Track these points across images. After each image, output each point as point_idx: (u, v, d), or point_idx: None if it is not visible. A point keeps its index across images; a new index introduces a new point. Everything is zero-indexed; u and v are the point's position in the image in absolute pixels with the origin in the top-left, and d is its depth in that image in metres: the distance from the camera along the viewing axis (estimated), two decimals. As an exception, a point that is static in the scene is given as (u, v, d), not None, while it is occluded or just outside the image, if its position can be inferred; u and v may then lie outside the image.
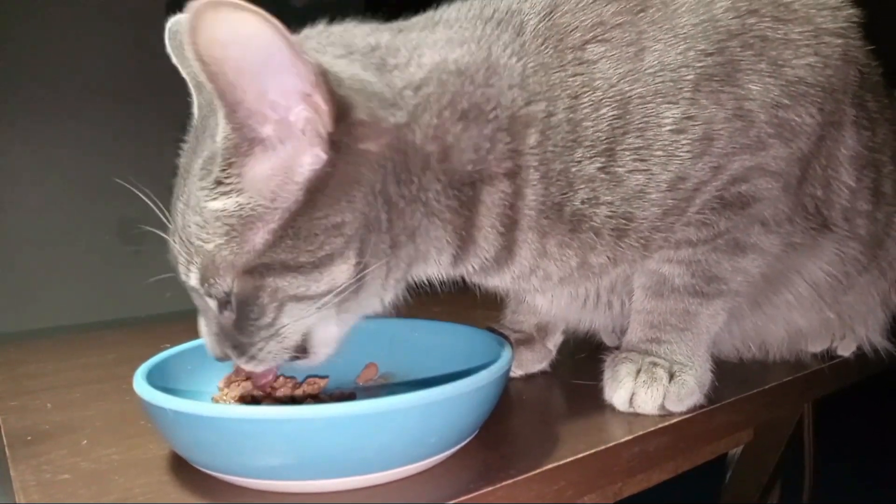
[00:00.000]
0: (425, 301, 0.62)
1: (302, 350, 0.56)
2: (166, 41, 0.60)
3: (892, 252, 0.78)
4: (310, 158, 0.49)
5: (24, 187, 1.13)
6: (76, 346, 0.92)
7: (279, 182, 0.49)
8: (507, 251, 0.59)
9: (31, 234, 1.14)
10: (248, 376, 0.61)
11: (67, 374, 0.78)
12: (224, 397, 0.59)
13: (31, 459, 0.53)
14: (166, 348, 0.60)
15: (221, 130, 0.48)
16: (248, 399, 0.59)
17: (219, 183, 0.50)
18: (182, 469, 0.51)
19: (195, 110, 0.58)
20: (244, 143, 0.49)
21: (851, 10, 0.63)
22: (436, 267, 0.60)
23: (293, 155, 0.49)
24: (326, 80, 0.48)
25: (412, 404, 0.46)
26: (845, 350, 0.81)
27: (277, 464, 0.46)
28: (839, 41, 0.62)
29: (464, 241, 0.58)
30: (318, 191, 0.50)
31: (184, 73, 0.59)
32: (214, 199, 0.50)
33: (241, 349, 0.54)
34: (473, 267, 0.60)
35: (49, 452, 0.55)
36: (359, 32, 0.57)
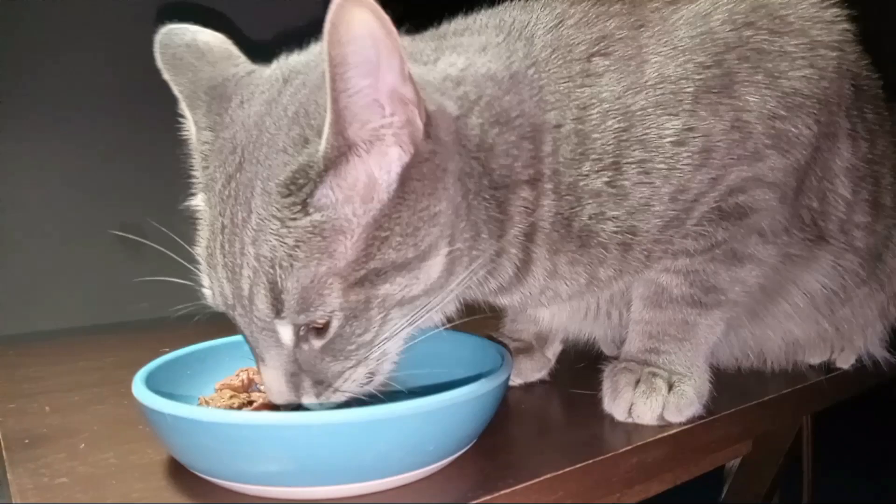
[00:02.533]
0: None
1: (372, 378, 0.53)
2: (156, 53, 0.57)
3: (890, 265, 0.79)
4: (405, 153, 0.48)
5: (24, 189, 1.13)
6: (75, 350, 0.92)
7: (372, 182, 0.47)
8: (523, 269, 0.59)
9: (31, 237, 1.14)
10: (246, 388, 0.60)
11: (66, 378, 0.78)
12: (212, 401, 0.58)
13: (29, 463, 0.53)
14: (165, 352, 0.60)
15: (325, 138, 0.45)
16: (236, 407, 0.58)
17: (313, 194, 0.46)
18: (180, 474, 0.51)
19: (191, 128, 0.56)
20: (344, 148, 0.46)
21: (846, 25, 0.64)
22: (467, 285, 0.57)
23: (384, 151, 0.47)
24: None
25: (411, 412, 0.46)
26: (844, 362, 0.81)
27: (276, 470, 0.46)
28: (834, 54, 0.62)
29: (497, 253, 0.57)
30: (413, 182, 0.48)
31: (175, 89, 0.57)
32: (310, 213, 0.46)
33: (325, 383, 0.50)
34: (491, 288, 0.60)
35: (47, 456, 0.54)
36: None
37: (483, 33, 0.59)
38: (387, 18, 0.44)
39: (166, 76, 0.57)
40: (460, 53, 0.57)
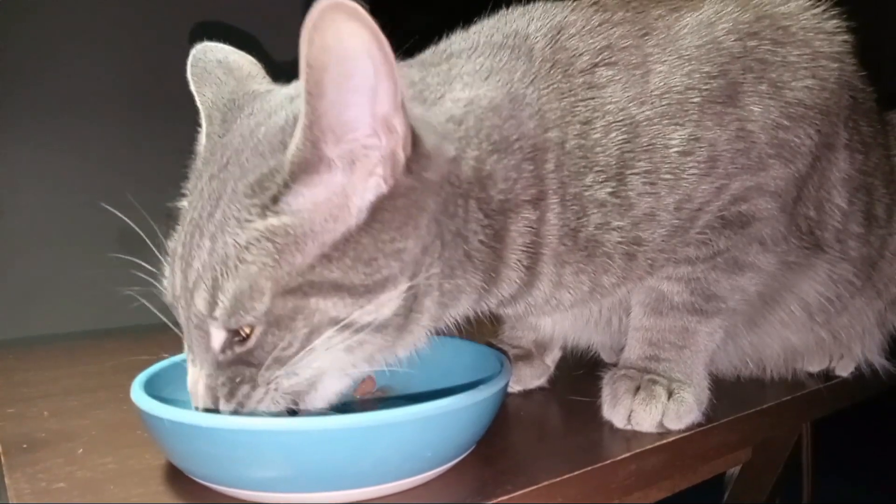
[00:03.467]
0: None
1: (300, 397, 0.51)
2: (189, 65, 0.59)
3: (886, 272, 0.79)
4: (383, 183, 0.47)
5: (24, 194, 1.13)
6: (74, 354, 0.92)
7: (342, 202, 0.47)
8: (528, 286, 0.59)
9: (30, 241, 1.14)
10: None
11: (65, 382, 0.78)
12: None
13: (27, 467, 0.53)
14: (164, 358, 0.60)
15: (295, 143, 0.45)
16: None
17: (275, 199, 0.46)
18: (178, 479, 0.50)
19: (202, 140, 0.57)
20: (315, 158, 0.45)
21: (846, 36, 0.64)
22: (459, 309, 0.57)
23: (363, 176, 0.47)
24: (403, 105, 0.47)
25: (409, 418, 0.46)
26: (843, 370, 0.81)
27: (273, 476, 0.46)
28: (835, 65, 0.63)
29: (489, 280, 0.56)
30: (384, 215, 0.47)
31: (198, 100, 0.58)
32: (268, 216, 0.46)
33: (234, 390, 0.49)
34: (491, 304, 0.60)
35: (45, 460, 0.54)
36: None
37: (486, 54, 0.58)
38: (385, 41, 0.42)
39: (193, 88, 0.59)
40: (466, 85, 0.56)
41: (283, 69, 0.59)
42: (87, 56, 1.15)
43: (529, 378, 0.74)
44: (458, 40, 0.62)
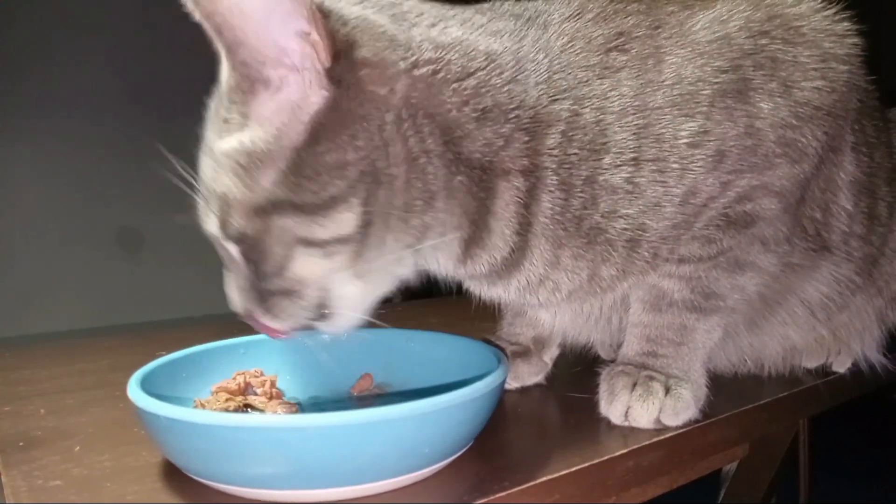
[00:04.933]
0: (422, 311, 0.62)
1: (322, 314, 0.56)
2: None
3: (886, 270, 0.79)
4: (314, 96, 0.50)
5: (22, 193, 1.13)
6: (70, 352, 0.92)
7: (284, 119, 0.50)
8: (518, 254, 0.59)
9: (28, 240, 1.14)
10: (242, 391, 0.60)
11: (61, 380, 0.78)
12: (206, 403, 0.58)
13: (23, 465, 0.53)
14: (161, 355, 0.60)
15: (224, 70, 0.50)
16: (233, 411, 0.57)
17: (225, 122, 0.51)
18: (175, 477, 0.50)
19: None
20: (245, 81, 0.49)
21: (856, 38, 0.64)
22: (445, 255, 0.59)
23: (296, 92, 0.50)
24: (325, 17, 0.49)
25: (407, 414, 0.46)
26: (841, 366, 0.81)
27: (271, 472, 0.46)
28: (845, 67, 0.63)
29: (476, 229, 0.57)
30: (321, 127, 0.50)
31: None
32: (223, 139, 0.51)
33: (260, 301, 0.54)
34: (482, 267, 0.60)
35: (41, 458, 0.54)
36: None
37: (500, 17, 0.60)
38: None
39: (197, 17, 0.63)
40: (466, 30, 0.57)
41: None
42: (86, 57, 1.14)
43: (527, 375, 0.74)
44: (476, 7, 0.62)
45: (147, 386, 0.52)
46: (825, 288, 0.72)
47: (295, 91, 0.50)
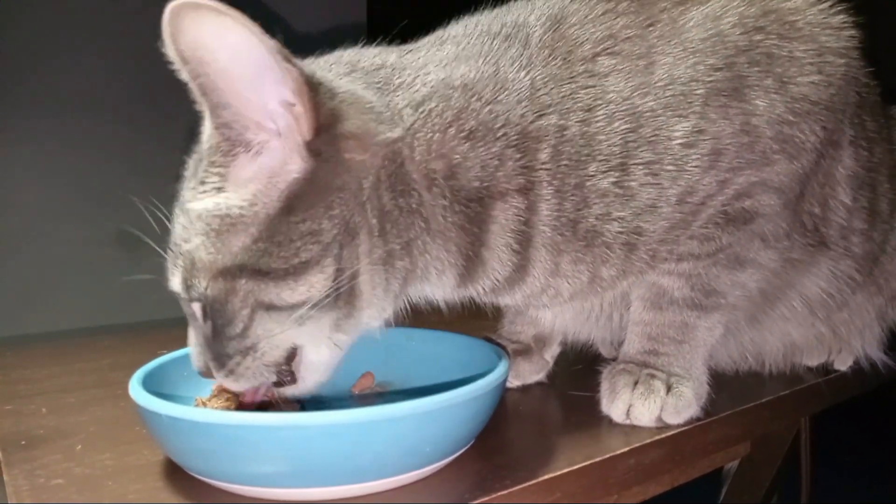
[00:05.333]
0: (423, 311, 0.62)
1: (288, 372, 0.54)
2: None
3: (888, 268, 0.79)
4: (292, 166, 0.50)
5: (23, 192, 1.13)
6: (72, 351, 0.92)
7: (260, 186, 0.50)
8: (520, 271, 0.59)
9: (28, 239, 1.14)
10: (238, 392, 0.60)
11: (62, 379, 0.78)
12: (208, 402, 0.57)
13: (25, 464, 0.53)
14: (162, 354, 0.60)
15: (206, 131, 0.50)
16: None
17: (202, 183, 0.51)
18: (176, 475, 0.50)
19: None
20: (226, 144, 0.49)
21: (853, 31, 0.64)
22: (440, 288, 0.59)
23: (275, 158, 0.50)
24: (312, 90, 0.49)
25: (408, 413, 0.46)
26: (842, 364, 0.81)
27: (272, 471, 0.46)
28: (842, 61, 0.62)
29: (470, 262, 0.57)
30: (296, 197, 0.50)
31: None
32: (198, 199, 0.51)
33: (220, 362, 0.52)
34: (484, 288, 0.60)
35: (43, 457, 0.54)
36: (367, 53, 0.58)
37: (480, 41, 0.59)
38: (260, 32, 0.45)
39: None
40: (442, 67, 0.57)
41: (303, 41, 0.59)
42: (86, 56, 1.14)
43: (528, 373, 0.74)
44: (457, 26, 0.62)
45: (148, 385, 0.52)
46: (824, 283, 0.71)
47: (274, 157, 0.50)
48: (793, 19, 0.61)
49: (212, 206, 0.50)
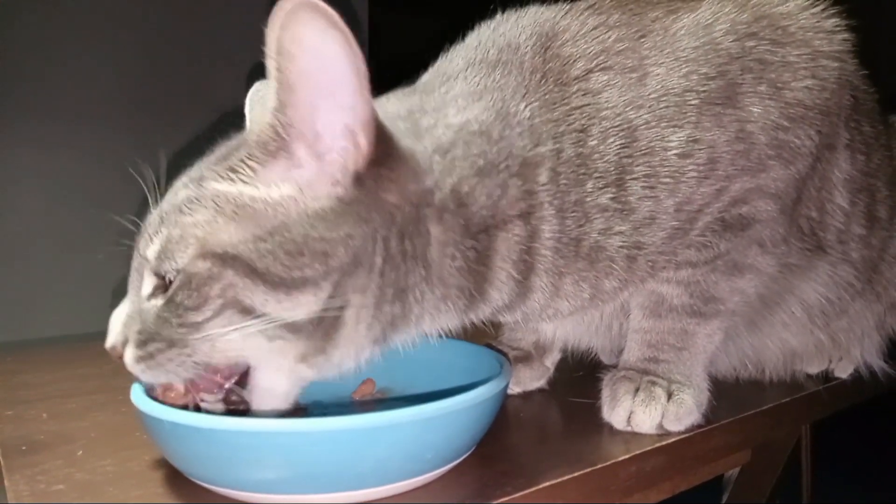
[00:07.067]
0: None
1: (241, 400, 0.52)
2: (248, 97, 0.66)
3: (886, 275, 0.79)
4: (326, 188, 0.49)
5: (24, 197, 1.13)
6: (73, 357, 0.92)
7: (288, 194, 0.49)
8: (521, 297, 0.59)
9: (29, 244, 1.14)
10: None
11: (64, 385, 0.78)
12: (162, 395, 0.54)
13: (26, 469, 0.53)
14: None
15: (261, 122, 0.49)
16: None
17: (232, 169, 0.50)
18: (177, 481, 0.50)
19: None
20: (274, 143, 0.49)
21: (847, 35, 0.64)
22: (434, 328, 0.57)
23: (314, 177, 0.49)
24: (378, 127, 0.49)
25: (409, 419, 0.46)
26: (842, 372, 0.81)
27: (273, 477, 0.46)
28: (835, 65, 0.62)
29: (472, 300, 0.56)
30: (324, 216, 0.48)
31: (247, 124, 0.63)
32: (221, 180, 0.50)
33: (144, 342, 0.49)
34: (482, 315, 0.60)
35: (44, 462, 0.54)
36: (395, 102, 0.58)
37: (481, 73, 0.59)
38: (362, 58, 0.45)
39: (247, 111, 0.66)
40: (459, 109, 0.56)
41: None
42: (86, 57, 1.15)
43: (529, 380, 0.74)
44: (456, 58, 0.62)
45: (149, 390, 0.52)
46: (823, 289, 0.71)
47: (310, 176, 0.49)
48: (785, 24, 0.61)
49: (235, 191, 0.49)
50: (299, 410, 0.59)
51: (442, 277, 0.54)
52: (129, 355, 0.50)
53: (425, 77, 0.62)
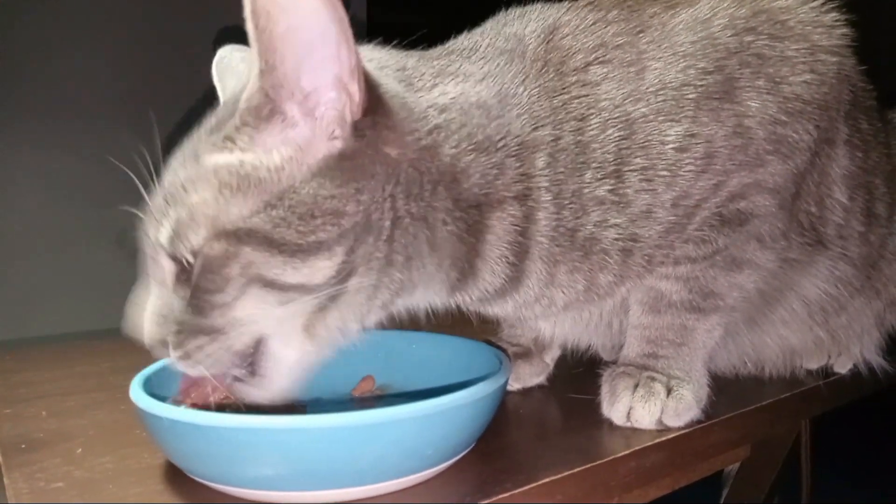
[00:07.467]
0: (417, 317, 0.62)
1: (250, 365, 0.51)
2: (213, 65, 0.64)
3: (885, 272, 0.79)
4: (323, 143, 0.49)
5: (23, 196, 1.13)
6: (71, 355, 0.92)
7: (289, 156, 0.48)
8: (514, 283, 0.59)
9: (28, 242, 1.14)
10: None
11: (62, 383, 0.78)
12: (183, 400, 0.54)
13: (25, 467, 0.53)
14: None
15: (249, 88, 0.48)
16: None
17: (228, 139, 0.49)
18: (176, 478, 0.50)
19: None
20: (266, 107, 0.48)
21: (845, 29, 0.64)
22: (426, 298, 0.58)
23: (311, 134, 0.49)
24: (365, 74, 0.49)
25: (409, 416, 0.46)
26: (841, 367, 0.81)
27: (273, 474, 0.46)
28: (834, 59, 0.62)
29: (463, 273, 0.57)
30: (330, 172, 0.49)
31: (219, 92, 0.62)
32: (218, 152, 0.49)
33: (181, 338, 0.49)
34: (471, 297, 0.60)
35: (43, 460, 0.54)
36: (386, 54, 0.58)
37: (487, 58, 0.59)
38: (342, 7, 0.45)
39: (216, 81, 0.64)
40: (459, 83, 0.57)
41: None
42: (86, 57, 1.14)
43: (529, 376, 0.74)
44: (462, 41, 0.62)
45: (149, 388, 0.52)
46: (822, 285, 0.71)
47: (307, 133, 0.49)
48: (784, 18, 0.61)
49: (236, 161, 0.48)
50: (298, 408, 0.60)
51: (438, 243, 0.54)
52: (172, 354, 0.50)
53: (425, 52, 0.62)
